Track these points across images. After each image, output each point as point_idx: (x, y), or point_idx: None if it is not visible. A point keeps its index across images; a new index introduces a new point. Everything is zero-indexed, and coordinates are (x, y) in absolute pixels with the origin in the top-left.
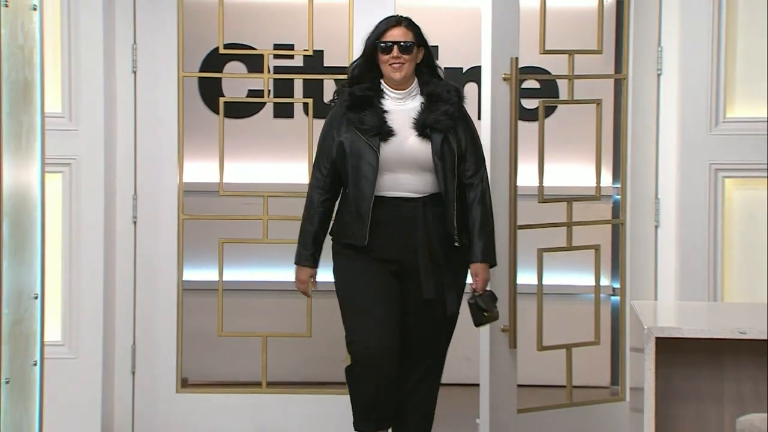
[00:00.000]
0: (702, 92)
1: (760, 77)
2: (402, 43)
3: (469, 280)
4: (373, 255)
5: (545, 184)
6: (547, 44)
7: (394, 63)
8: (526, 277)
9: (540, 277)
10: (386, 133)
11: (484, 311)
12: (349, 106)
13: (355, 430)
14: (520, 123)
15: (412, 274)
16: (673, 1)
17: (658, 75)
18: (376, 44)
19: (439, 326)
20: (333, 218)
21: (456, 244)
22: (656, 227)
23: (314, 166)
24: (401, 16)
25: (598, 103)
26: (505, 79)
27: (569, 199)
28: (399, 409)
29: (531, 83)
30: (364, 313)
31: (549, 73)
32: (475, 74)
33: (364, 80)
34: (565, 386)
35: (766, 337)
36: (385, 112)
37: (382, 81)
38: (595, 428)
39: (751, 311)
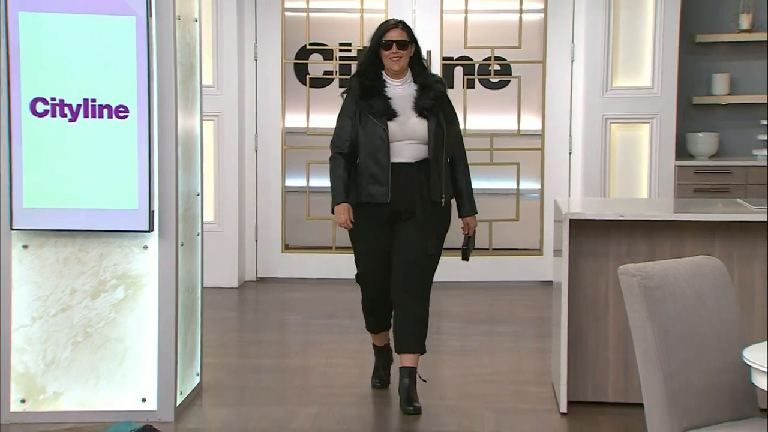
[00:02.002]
0: (598, 71)
1: (632, 62)
2: (399, 41)
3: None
4: (382, 207)
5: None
6: (494, 42)
7: (393, 57)
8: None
9: None
10: (391, 114)
11: (469, 251)
12: (360, 95)
13: (367, 330)
14: (487, 91)
15: (405, 220)
16: (580, 16)
17: (572, 61)
18: (379, 42)
19: (423, 262)
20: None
21: (441, 200)
22: (570, 153)
23: (332, 143)
24: (398, 20)
25: (518, 78)
26: None
27: (491, 134)
28: (396, 324)
29: (494, 66)
30: (366, 258)
31: (504, 59)
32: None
33: (369, 71)
34: (511, 250)
35: (635, 219)
36: (389, 98)
37: (383, 72)
38: (516, 269)
39: (627, 203)
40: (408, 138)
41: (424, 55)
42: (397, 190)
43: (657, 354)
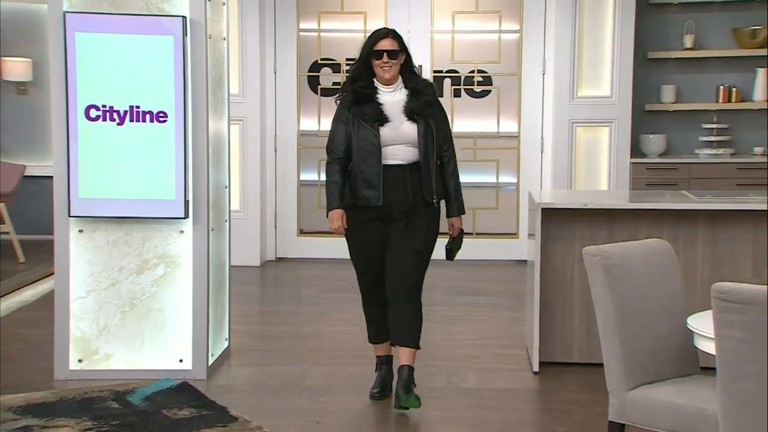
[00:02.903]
0: (565, 82)
1: (594, 75)
2: (390, 51)
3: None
4: (374, 209)
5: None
6: (477, 58)
7: (384, 66)
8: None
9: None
10: (383, 120)
11: (453, 251)
12: (353, 102)
13: (369, 342)
14: (472, 99)
15: (398, 220)
16: (550, 36)
17: (543, 74)
18: (370, 52)
19: (413, 259)
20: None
21: (433, 201)
22: (541, 152)
23: (328, 148)
24: (389, 29)
25: (497, 88)
26: None
27: (475, 136)
28: (391, 320)
29: (477, 78)
30: (364, 257)
31: (486, 73)
32: (448, 72)
33: (361, 80)
34: (491, 234)
35: (597, 207)
36: (381, 104)
37: (374, 80)
38: (496, 249)
39: (590, 194)
40: (400, 141)
41: (416, 66)
42: (390, 192)
43: (615, 322)
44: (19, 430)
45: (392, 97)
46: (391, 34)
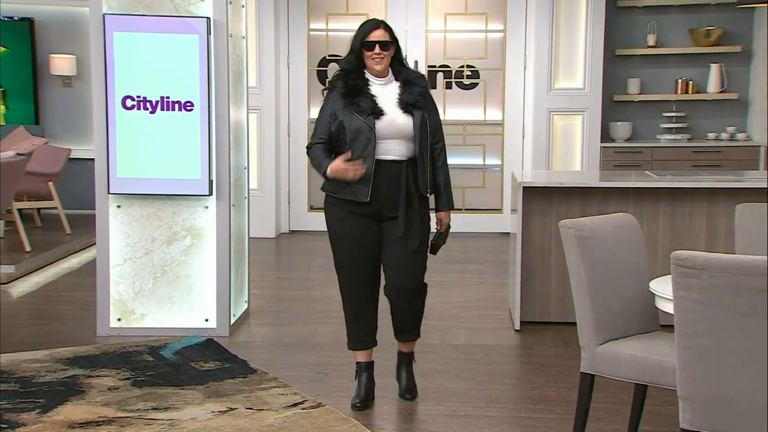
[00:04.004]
0: (544, 76)
1: (569, 69)
2: (382, 42)
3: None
4: (364, 206)
5: (466, 118)
6: (466, 54)
7: (375, 57)
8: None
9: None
10: (378, 112)
11: (438, 246)
12: (345, 93)
13: (349, 349)
14: (461, 91)
15: (391, 218)
16: (531, 35)
17: (524, 68)
18: (362, 43)
19: (412, 258)
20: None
21: (427, 194)
22: (523, 137)
23: (312, 137)
24: (379, 20)
25: (484, 81)
26: None
27: (464, 123)
28: (396, 320)
29: (466, 72)
30: (350, 265)
31: (474, 67)
32: (441, 67)
33: (353, 71)
34: (478, 210)
35: (572, 185)
36: (374, 96)
37: (365, 71)
38: (482, 223)
39: (565, 174)
40: (395, 136)
41: (411, 63)
42: (383, 188)
43: (587, 286)
44: (68, 379)
45: (384, 89)
46: (382, 25)
